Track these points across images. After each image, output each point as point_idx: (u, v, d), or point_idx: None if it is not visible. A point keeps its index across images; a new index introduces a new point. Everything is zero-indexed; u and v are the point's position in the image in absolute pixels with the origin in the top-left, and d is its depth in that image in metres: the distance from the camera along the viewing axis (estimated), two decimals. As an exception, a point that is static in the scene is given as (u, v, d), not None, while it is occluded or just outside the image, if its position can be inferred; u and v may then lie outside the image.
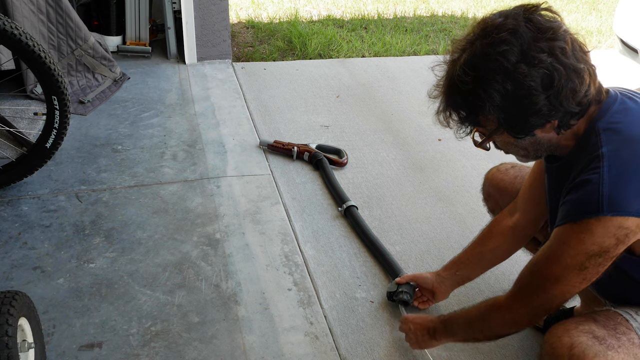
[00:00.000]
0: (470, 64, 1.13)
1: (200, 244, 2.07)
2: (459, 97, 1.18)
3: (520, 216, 1.61)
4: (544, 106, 1.11)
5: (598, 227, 1.10)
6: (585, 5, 5.85)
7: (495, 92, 1.11)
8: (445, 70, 1.21)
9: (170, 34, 3.66)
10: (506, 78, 1.10)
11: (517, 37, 1.09)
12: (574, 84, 1.10)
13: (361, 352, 1.68)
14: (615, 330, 1.16)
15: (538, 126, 1.16)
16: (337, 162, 2.61)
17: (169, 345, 1.66)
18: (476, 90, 1.13)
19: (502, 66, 1.09)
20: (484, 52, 1.11)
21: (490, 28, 1.12)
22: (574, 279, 1.17)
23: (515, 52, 1.09)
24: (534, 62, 1.08)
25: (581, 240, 1.13)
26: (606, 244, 1.11)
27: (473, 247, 1.74)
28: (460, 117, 1.20)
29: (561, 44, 1.09)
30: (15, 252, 1.98)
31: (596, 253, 1.12)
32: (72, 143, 2.66)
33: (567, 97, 1.11)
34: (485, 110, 1.14)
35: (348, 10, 5.19)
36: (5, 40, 1.97)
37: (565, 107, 1.12)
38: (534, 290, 1.24)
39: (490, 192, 1.80)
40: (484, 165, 2.69)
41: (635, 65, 3.82)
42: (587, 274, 1.15)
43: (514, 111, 1.13)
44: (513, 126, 1.17)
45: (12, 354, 1.25)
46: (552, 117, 1.14)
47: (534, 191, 1.53)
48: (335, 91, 3.43)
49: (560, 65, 1.09)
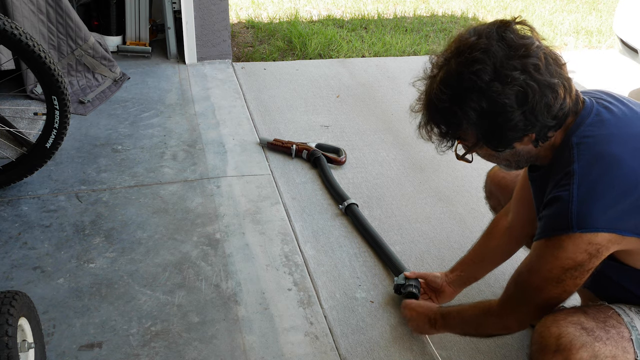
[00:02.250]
0: (445, 82, 1.17)
1: (200, 244, 2.07)
2: (437, 113, 1.22)
3: (514, 217, 1.62)
4: (519, 122, 1.13)
5: (569, 244, 1.13)
6: (585, 5, 5.85)
7: (471, 110, 1.14)
8: (425, 86, 1.25)
9: (170, 34, 3.67)
10: (481, 96, 1.12)
11: (490, 56, 1.11)
12: (548, 99, 1.12)
13: (361, 352, 1.68)
14: (605, 323, 1.18)
15: (516, 140, 1.19)
16: (335, 161, 2.61)
17: (169, 345, 1.66)
18: (453, 108, 1.16)
19: (476, 85, 1.12)
20: (458, 71, 1.14)
21: (464, 47, 1.14)
22: (553, 290, 1.21)
23: (488, 71, 1.11)
24: (507, 80, 1.10)
25: (555, 256, 1.16)
26: (579, 259, 1.14)
27: (476, 247, 1.75)
28: (441, 132, 1.24)
29: (534, 61, 1.11)
30: (15, 252, 1.98)
31: (571, 267, 1.16)
32: (72, 143, 2.66)
33: (542, 112, 1.13)
34: (462, 126, 1.18)
35: (348, 10, 5.19)
36: (5, 40, 1.97)
37: (541, 121, 1.14)
38: (519, 299, 1.30)
39: (492, 190, 1.81)
40: (484, 165, 2.68)
41: (635, 65, 3.82)
42: (566, 286, 1.19)
43: (491, 127, 1.16)
44: (491, 141, 1.20)
45: (12, 354, 1.25)
46: (528, 131, 1.16)
47: (525, 192, 1.54)
48: (335, 91, 3.43)
49: (533, 82, 1.11)
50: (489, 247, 1.71)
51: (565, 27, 5.06)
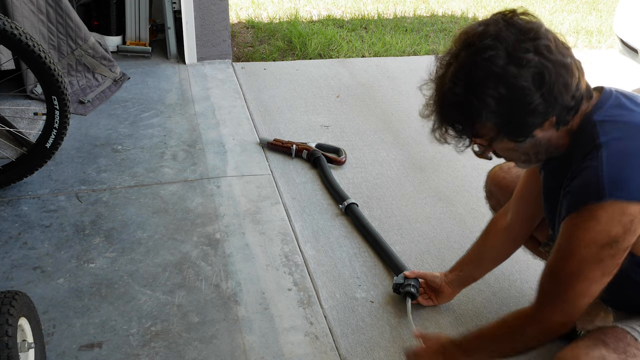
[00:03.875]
0: (459, 75, 1.13)
1: (200, 244, 2.07)
2: (453, 110, 1.17)
3: (513, 216, 1.61)
4: (539, 104, 1.11)
5: (602, 214, 1.09)
6: (585, 5, 5.85)
7: (489, 98, 1.10)
8: (434, 88, 1.20)
9: (170, 34, 3.67)
10: (498, 82, 1.09)
11: (501, 41, 1.09)
12: (564, 78, 1.11)
13: (361, 352, 1.68)
14: (626, 353, 1.15)
15: (537, 126, 1.15)
16: (335, 161, 2.61)
17: (169, 345, 1.66)
18: (469, 100, 1.12)
19: (491, 71, 1.09)
20: (470, 61, 1.11)
21: (473, 38, 1.12)
22: (593, 273, 1.13)
23: (502, 56, 1.09)
24: (522, 62, 1.09)
25: (587, 229, 1.11)
26: (613, 233, 1.09)
27: (474, 247, 1.75)
28: (457, 131, 1.19)
29: (545, 42, 1.10)
30: (15, 252, 1.98)
31: (606, 243, 1.10)
32: (72, 143, 2.66)
33: (560, 92, 1.11)
34: (481, 118, 1.13)
35: (348, 10, 5.19)
36: (5, 40, 1.97)
37: (560, 102, 1.12)
38: (556, 292, 1.19)
39: (492, 190, 1.80)
40: (484, 165, 2.68)
41: (635, 65, 3.82)
42: (605, 267, 1.12)
43: (511, 114, 1.12)
44: (512, 130, 1.16)
45: (12, 354, 1.25)
46: (549, 114, 1.13)
47: (527, 191, 1.54)
48: (335, 91, 3.43)
49: (548, 62, 1.09)
50: (487, 246, 1.71)
51: (565, 27, 5.06)
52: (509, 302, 1.88)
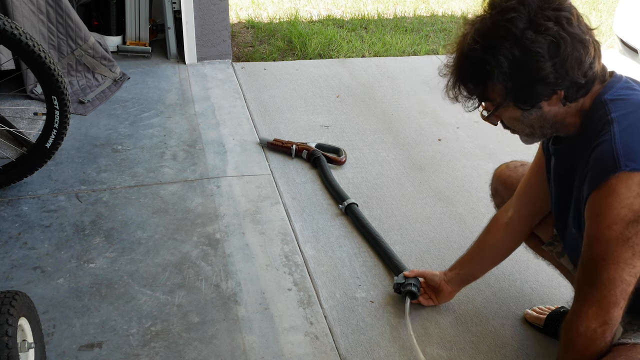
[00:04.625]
0: (479, 33, 1.17)
1: (200, 244, 2.07)
2: (468, 66, 1.21)
3: (514, 212, 1.62)
4: (550, 74, 1.13)
5: (621, 186, 1.09)
6: (585, 5, 5.85)
7: (503, 58, 1.14)
8: (456, 46, 1.24)
9: (170, 34, 3.66)
10: (514, 44, 1.13)
11: (525, 5, 1.13)
12: (579, 53, 1.13)
13: (361, 352, 1.68)
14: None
15: (544, 96, 1.18)
16: (335, 161, 2.61)
17: (169, 345, 1.66)
18: (485, 57, 1.16)
19: (510, 32, 1.13)
20: (493, 20, 1.16)
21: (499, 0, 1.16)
22: (623, 254, 1.10)
23: (523, 19, 1.12)
24: (541, 29, 1.11)
25: (609, 205, 1.10)
26: (636, 206, 1.08)
27: (474, 244, 1.76)
28: (469, 90, 1.23)
29: (567, 15, 1.13)
30: (15, 252, 1.98)
31: (631, 219, 1.08)
32: (72, 143, 2.66)
33: (572, 66, 1.13)
34: (493, 78, 1.17)
35: (348, 10, 5.19)
36: (5, 40, 1.97)
37: (571, 76, 1.14)
38: (590, 283, 1.16)
39: (497, 188, 1.80)
40: (484, 165, 2.70)
41: (635, 65, 3.82)
42: (635, 245, 1.09)
43: (521, 78, 1.15)
44: (520, 96, 1.19)
45: (12, 354, 1.25)
46: (558, 86, 1.16)
47: (530, 187, 1.54)
48: (335, 91, 3.43)
49: (566, 34, 1.12)
50: (487, 243, 1.71)
51: (565, 27, 5.06)
52: (509, 302, 1.88)
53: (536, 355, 1.70)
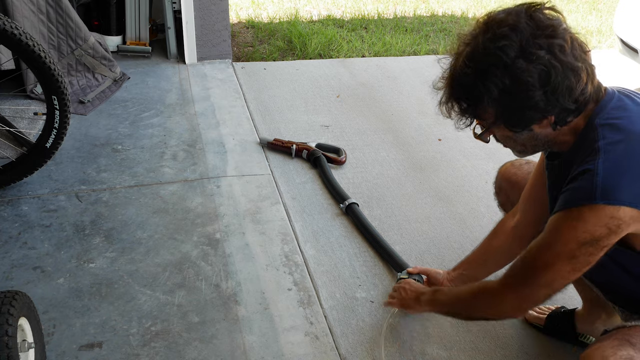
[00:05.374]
0: (471, 57, 1.16)
1: (200, 244, 2.07)
2: (460, 88, 1.21)
3: (521, 216, 1.61)
4: (540, 101, 1.13)
5: (591, 215, 1.11)
6: (585, 5, 5.85)
7: (493, 86, 1.14)
8: (450, 63, 1.24)
9: (170, 34, 3.66)
10: (505, 72, 1.12)
11: (517, 33, 1.12)
12: (570, 81, 1.12)
13: (361, 352, 1.68)
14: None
15: (535, 121, 1.18)
16: (335, 160, 2.61)
17: (169, 345, 1.65)
18: (475, 83, 1.16)
19: (501, 60, 1.12)
20: (484, 46, 1.14)
21: (492, 23, 1.15)
22: (564, 268, 1.17)
23: (514, 48, 1.11)
24: (532, 58, 1.11)
25: (573, 227, 1.14)
26: (597, 233, 1.12)
27: (480, 246, 1.75)
28: (461, 109, 1.23)
29: (560, 42, 1.12)
30: (15, 252, 1.98)
31: (587, 241, 1.13)
32: (72, 143, 2.66)
33: (563, 94, 1.13)
34: (483, 102, 1.17)
35: (348, 10, 5.19)
36: (5, 40, 1.97)
37: (561, 103, 1.14)
38: (523, 277, 1.25)
39: (502, 185, 1.80)
40: (484, 165, 2.70)
41: (635, 65, 3.82)
42: (577, 264, 1.16)
43: (511, 105, 1.16)
44: (510, 120, 1.19)
45: (12, 354, 1.25)
46: (548, 112, 1.16)
47: (535, 191, 1.53)
48: (335, 91, 3.43)
49: (557, 62, 1.11)
50: (493, 246, 1.70)
51: (566, 27, 5.05)
52: (509, 302, 1.88)
53: (536, 355, 1.70)
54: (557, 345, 1.72)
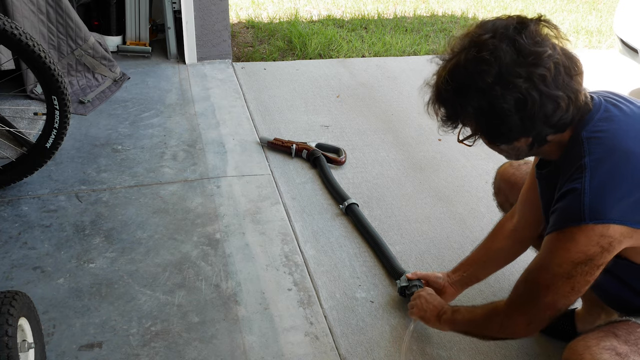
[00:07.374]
0: (452, 74, 1.17)
1: (200, 244, 2.07)
2: (441, 102, 1.23)
3: (519, 219, 1.62)
4: (515, 125, 1.15)
5: (581, 236, 1.12)
6: (585, 5, 5.85)
7: (470, 107, 1.16)
8: (436, 71, 1.24)
9: (170, 34, 3.66)
10: (481, 96, 1.13)
11: (497, 59, 1.11)
12: (547, 109, 1.12)
13: (361, 352, 1.68)
14: (637, 345, 1.16)
15: (511, 140, 1.20)
16: (335, 160, 2.62)
17: (169, 345, 1.66)
18: (455, 100, 1.18)
19: (477, 85, 1.13)
20: (465, 66, 1.15)
21: (477, 41, 1.14)
22: (563, 288, 1.19)
23: (492, 74, 1.11)
24: (509, 86, 1.11)
25: (566, 249, 1.15)
26: (591, 252, 1.13)
27: (480, 248, 1.75)
28: (444, 117, 1.25)
29: (542, 71, 1.10)
30: (15, 252, 1.98)
31: (582, 261, 1.14)
32: (72, 143, 2.66)
33: (540, 120, 1.14)
34: (461, 117, 1.20)
35: (348, 10, 5.19)
36: (5, 40, 1.97)
37: (537, 128, 1.15)
38: (527, 298, 1.27)
39: (500, 186, 1.80)
40: (484, 166, 2.70)
41: (635, 65, 3.82)
42: (575, 283, 1.17)
43: (488, 124, 1.18)
44: (488, 135, 1.22)
45: (12, 354, 1.25)
46: (524, 134, 1.17)
47: (531, 194, 1.53)
48: (335, 91, 3.43)
49: (535, 92, 1.10)
50: (492, 248, 1.70)
51: (565, 27, 5.06)
52: (509, 302, 1.88)
53: (536, 355, 1.71)
54: (557, 345, 1.72)
